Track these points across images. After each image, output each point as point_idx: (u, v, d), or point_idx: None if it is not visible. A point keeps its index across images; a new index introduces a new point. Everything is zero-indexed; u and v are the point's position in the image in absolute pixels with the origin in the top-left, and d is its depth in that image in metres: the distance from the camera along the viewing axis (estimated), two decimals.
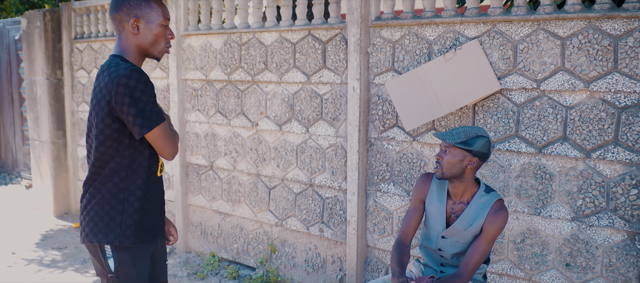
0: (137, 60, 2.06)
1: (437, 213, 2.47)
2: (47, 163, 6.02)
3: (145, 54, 2.07)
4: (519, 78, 3.00)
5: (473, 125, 3.18)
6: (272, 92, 4.08)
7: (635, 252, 2.77)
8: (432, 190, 2.51)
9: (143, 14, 2.00)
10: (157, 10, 2.03)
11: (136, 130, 1.93)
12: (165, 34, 2.06)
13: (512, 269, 3.14)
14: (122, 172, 2.01)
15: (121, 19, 2.01)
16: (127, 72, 1.88)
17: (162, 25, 2.04)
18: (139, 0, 2.00)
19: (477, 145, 2.29)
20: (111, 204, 2.02)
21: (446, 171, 2.33)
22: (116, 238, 2.02)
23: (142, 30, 2.01)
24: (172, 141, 2.02)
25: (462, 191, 2.40)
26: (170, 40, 2.09)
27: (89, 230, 2.06)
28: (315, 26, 3.76)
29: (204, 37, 4.46)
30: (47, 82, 5.88)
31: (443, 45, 3.23)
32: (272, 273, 4.20)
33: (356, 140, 3.59)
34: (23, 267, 4.57)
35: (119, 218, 2.02)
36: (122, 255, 2.03)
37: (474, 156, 2.31)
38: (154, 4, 2.03)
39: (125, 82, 1.87)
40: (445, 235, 2.45)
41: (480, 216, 2.36)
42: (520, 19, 2.95)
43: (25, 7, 9.53)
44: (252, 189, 4.31)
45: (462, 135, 2.30)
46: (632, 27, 2.67)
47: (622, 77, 2.72)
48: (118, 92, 1.88)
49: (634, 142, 2.72)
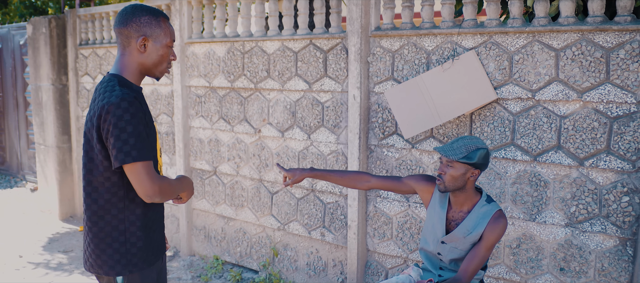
0: (137, 78, 2.00)
1: (438, 219, 2.55)
2: (52, 167, 6.11)
3: (147, 73, 2.02)
4: (515, 88, 3.08)
5: (470, 134, 3.27)
6: (274, 100, 4.16)
7: (627, 257, 2.86)
8: (435, 197, 2.59)
9: (152, 33, 1.96)
10: (166, 31, 1.99)
11: (113, 160, 1.84)
12: (169, 55, 2.03)
13: (508, 273, 3.23)
14: (119, 203, 1.94)
15: (129, 35, 1.95)
16: (118, 100, 1.81)
17: (168, 46, 2.00)
18: (150, 19, 1.96)
19: (479, 158, 2.35)
20: (113, 236, 1.95)
21: (449, 185, 2.40)
22: (124, 269, 1.96)
23: (149, 50, 1.97)
24: (148, 182, 1.84)
25: (463, 200, 2.47)
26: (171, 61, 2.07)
27: (93, 261, 1.99)
28: (316, 35, 3.85)
29: (207, 45, 4.55)
30: (52, 88, 5.97)
31: (441, 56, 3.32)
32: (274, 277, 4.29)
33: (357, 147, 3.68)
34: (30, 270, 4.66)
35: (123, 249, 1.95)
36: (132, 278, 1.99)
37: (475, 168, 2.38)
38: (163, 24, 1.99)
39: (113, 110, 1.80)
40: (445, 241, 2.53)
41: (480, 225, 2.42)
42: (516, 31, 3.04)
43: (29, 11, 9.62)
44: (255, 194, 4.40)
45: (463, 150, 2.35)
46: (623, 39, 2.76)
47: (614, 88, 2.80)
48: (105, 119, 1.82)
49: (625, 151, 2.81)
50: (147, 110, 1.98)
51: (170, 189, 1.95)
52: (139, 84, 2.03)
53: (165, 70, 2.05)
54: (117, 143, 1.81)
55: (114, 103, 1.81)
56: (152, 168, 1.87)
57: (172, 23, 4.73)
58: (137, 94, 1.94)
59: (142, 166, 1.83)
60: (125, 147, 1.81)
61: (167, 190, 1.93)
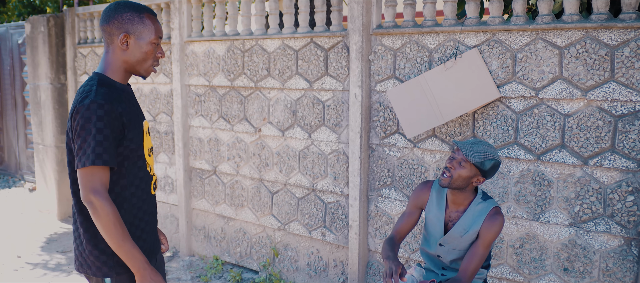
0: (122, 76, 1.96)
1: (436, 220, 2.53)
2: (51, 167, 6.08)
3: (131, 71, 1.97)
4: (518, 86, 3.06)
5: (473, 133, 3.24)
6: (274, 98, 4.13)
7: (632, 257, 2.83)
8: (431, 198, 2.56)
9: (134, 29, 1.91)
10: (150, 28, 1.93)
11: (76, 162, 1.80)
12: (155, 53, 1.97)
13: (511, 274, 3.20)
14: None
15: (111, 32, 1.91)
16: (88, 102, 1.78)
17: (152, 43, 1.94)
18: (132, 15, 1.91)
19: (491, 168, 2.35)
20: (98, 237, 1.91)
21: (454, 182, 2.37)
22: (111, 270, 1.92)
23: (131, 47, 1.92)
24: (84, 189, 1.78)
25: (461, 200, 2.46)
26: (159, 59, 2.00)
27: (82, 261, 1.96)
28: (317, 33, 3.82)
29: (207, 43, 4.52)
30: (51, 87, 5.93)
31: (443, 54, 3.29)
32: (275, 277, 4.25)
33: (358, 146, 3.65)
34: (29, 271, 4.62)
35: (110, 250, 1.90)
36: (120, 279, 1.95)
37: (482, 176, 2.37)
38: (147, 20, 1.93)
39: (83, 112, 1.78)
40: (443, 243, 2.51)
41: (476, 223, 2.41)
42: (519, 29, 3.01)
43: (28, 10, 9.59)
44: (255, 194, 4.37)
45: (481, 155, 2.32)
46: (628, 37, 2.73)
47: (619, 86, 2.78)
48: (75, 120, 1.80)
49: (630, 150, 2.78)
50: (132, 109, 1.94)
51: (113, 225, 1.79)
52: (124, 81, 1.98)
53: (151, 68, 1.99)
54: (80, 145, 1.78)
55: (84, 105, 1.78)
56: (99, 177, 1.79)
57: (171, 21, 4.70)
58: (120, 92, 1.91)
59: (93, 171, 1.78)
60: (87, 149, 1.77)
61: (110, 222, 1.78)
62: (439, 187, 2.56)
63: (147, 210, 2.04)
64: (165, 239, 2.29)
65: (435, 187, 2.58)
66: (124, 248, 1.82)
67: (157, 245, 2.14)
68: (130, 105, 1.94)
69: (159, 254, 2.18)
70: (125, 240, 1.82)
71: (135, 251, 1.84)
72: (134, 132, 1.91)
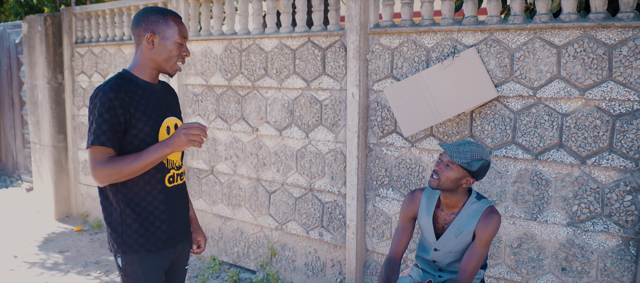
0: (150, 74, 2.14)
1: (427, 227, 2.51)
2: (48, 166, 6.06)
3: (158, 68, 2.15)
4: (516, 85, 3.05)
5: (471, 132, 3.23)
6: (272, 98, 4.12)
7: (630, 256, 2.82)
8: (422, 205, 2.54)
9: (159, 30, 2.09)
10: (174, 28, 2.11)
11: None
12: (180, 52, 2.13)
13: (509, 273, 3.19)
14: (112, 187, 2.07)
15: (139, 33, 2.10)
16: (96, 91, 1.98)
17: (176, 43, 2.11)
18: (157, 17, 2.10)
19: (479, 169, 2.31)
20: (112, 216, 2.11)
21: (443, 184, 2.35)
22: (119, 248, 2.11)
23: (157, 46, 2.09)
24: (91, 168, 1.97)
25: (454, 202, 2.42)
26: (184, 57, 2.17)
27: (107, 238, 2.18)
28: (314, 33, 3.81)
29: (204, 42, 4.51)
30: (48, 86, 5.91)
31: (441, 53, 3.28)
32: (272, 277, 4.24)
33: (355, 146, 3.64)
34: (25, 270, 4.60)
35: (120, 230, 2.09)
36: (129, 257, 2.11)
37: (472, 177, 2.35)
38: (171, 21, 2.11)
39: (91, 99, 2.00)
40: (438, 248, 2.49)
41: (470, 223, 2.38)
42: (517, 28, 3.00)
43: (25, 10, 9.56)
44: (253, 193, 4.35)
45: (468, 156, 2.29)
46: (626, 36, 2.73)
47: (617, 85, 2.77)
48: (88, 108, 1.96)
49: (628, 149, 2.77)
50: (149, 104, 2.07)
51: (120, 169, 1.95)
52: (152, 79, 2.15)
53: (176, 66, 2.15)
54: (88, 129, 1.99)
55: (93, 94, 1.99)
56: (100, 154, 1.95)
57: None
58: (137, 86, 2.06)
59: (92, 151, 1.96)
60: (89, 132, 1.97)
61: (117, 171, 1.95)
62: (430, 192, 2.54)
63: (164, 200, 2.14)
64: (204, 241, 2.44)
65: (426, 192, 2.56)
66: (147, 161, 1.98)
67: (177, 236, 2.22)
68: (148, 99, 2.08)
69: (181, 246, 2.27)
70: (140, 158, 1.97)
71: (153, 150, 1.98)
72: (145, 124, 2.04)
